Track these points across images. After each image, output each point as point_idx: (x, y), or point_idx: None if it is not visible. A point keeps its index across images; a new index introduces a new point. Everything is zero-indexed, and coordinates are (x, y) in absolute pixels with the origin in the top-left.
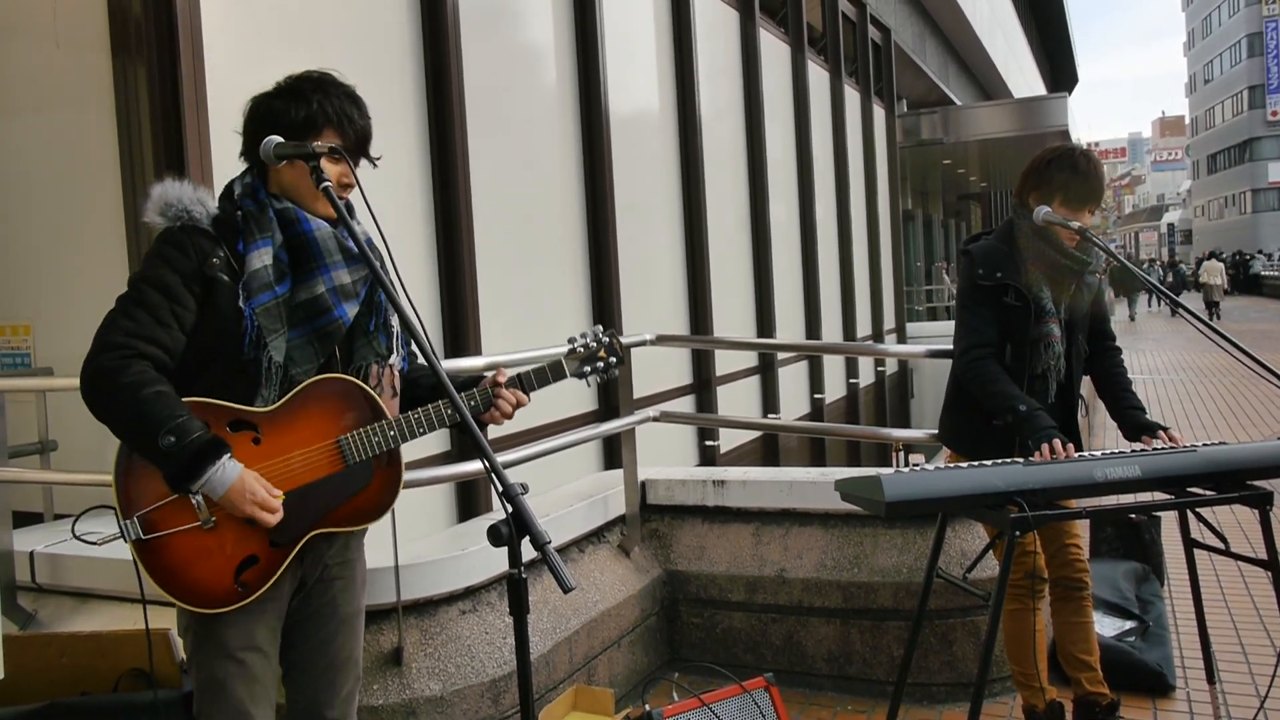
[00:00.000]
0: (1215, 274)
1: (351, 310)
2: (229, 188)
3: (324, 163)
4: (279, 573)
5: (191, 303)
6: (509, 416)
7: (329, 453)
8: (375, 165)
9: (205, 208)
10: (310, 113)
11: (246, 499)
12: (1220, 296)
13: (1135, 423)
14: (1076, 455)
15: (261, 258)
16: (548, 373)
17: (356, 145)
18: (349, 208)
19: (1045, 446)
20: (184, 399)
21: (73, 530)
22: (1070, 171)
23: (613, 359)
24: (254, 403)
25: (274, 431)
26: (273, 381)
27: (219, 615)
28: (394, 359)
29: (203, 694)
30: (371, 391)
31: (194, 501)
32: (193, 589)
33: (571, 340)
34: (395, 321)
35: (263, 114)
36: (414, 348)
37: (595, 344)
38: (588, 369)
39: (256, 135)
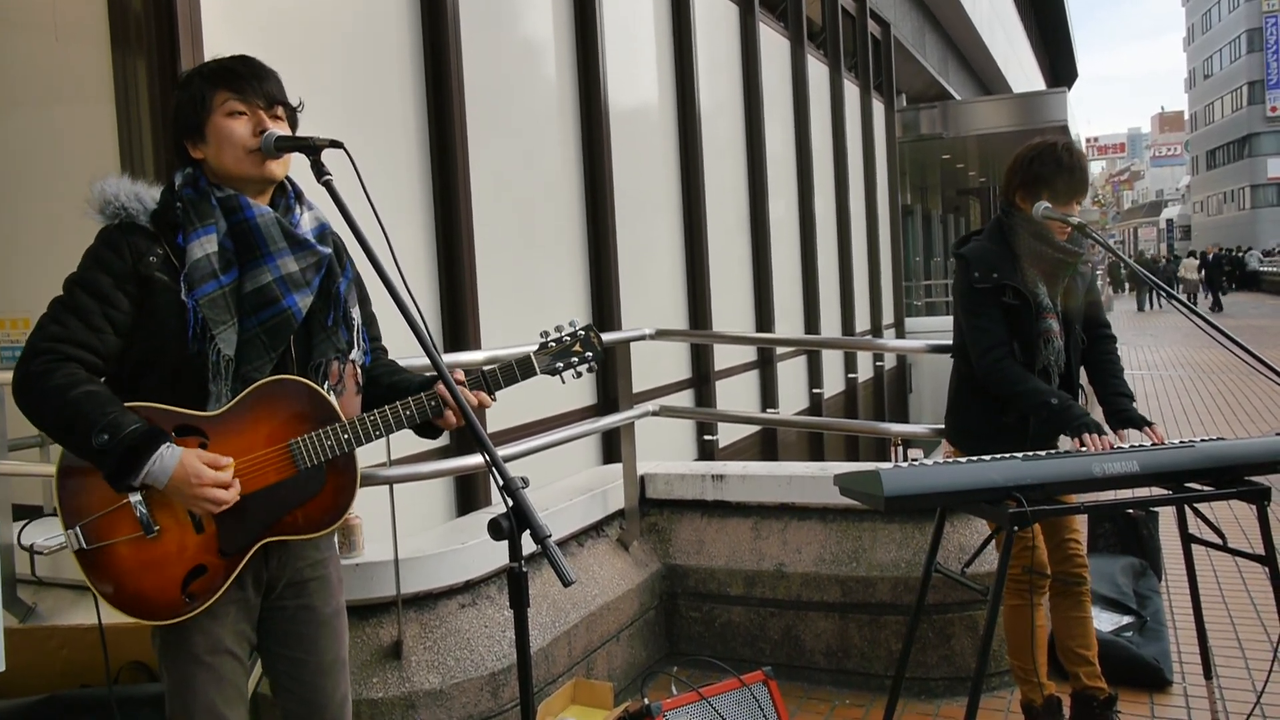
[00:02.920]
0: (1191, 270)
1: (303, 301)
2: (171, 181)
3: (230, 122)
4: (228, 583)
5: (125, 304)
6: (463, 422)
7: (279, 457)
8: (298, 110)
9: (142, 203)
10: (192, 90)
11: (193, 484)
12: (1196, 289)
13: (1120, 411)
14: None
15: (203, 246)
16: (515, 370)
17: (260, 97)
18: (298, 195)
19: (1092, 437)
20: (129, 403)
21: (18, 539)
22: (1055, 166)
23: (588, 353)
24: (203, 403)
25: (222, 436)
26: (223, 377)
27: (184, 622)
28: (355, 354)
29: (173, 697)
30: (324, 392)
31: (136, 510)
32: (138, 601)
33: (544, 334)
34: (356, 315)
35: (172, 124)
36: (373, 343)
37: (569, 338)
38: (560, 364)
39: (177, 136)
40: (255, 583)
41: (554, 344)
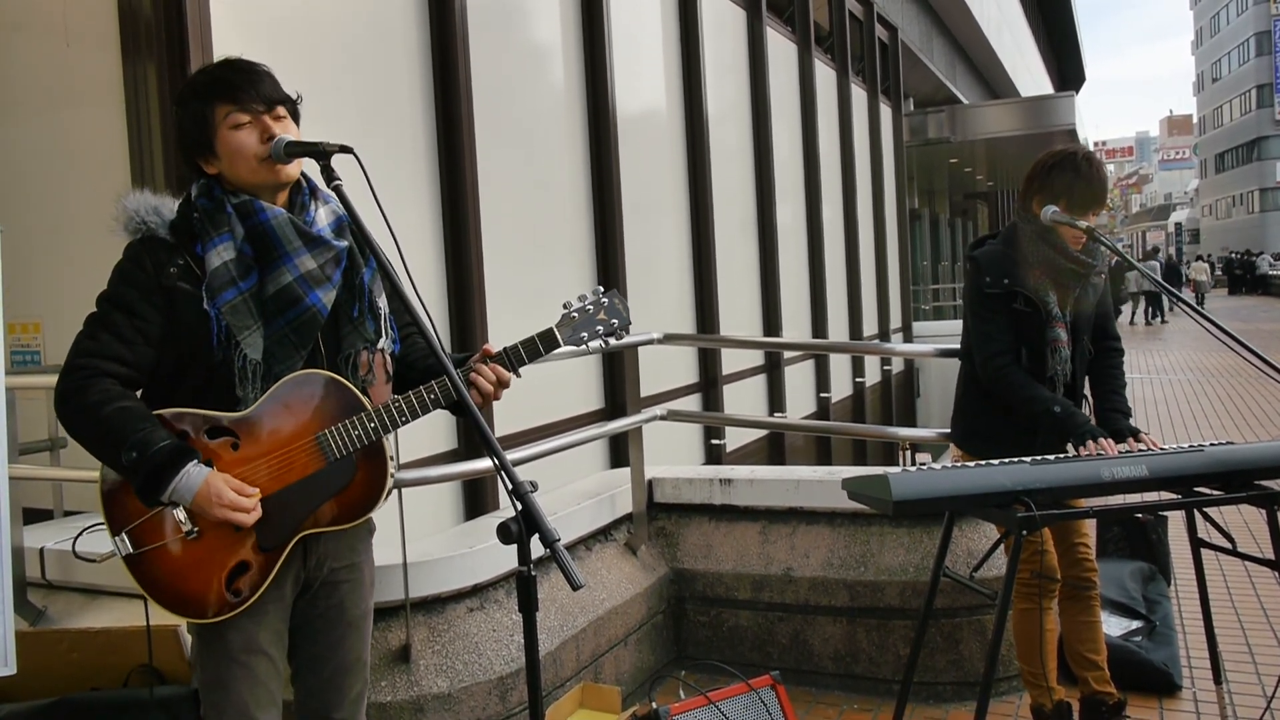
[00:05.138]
0: (1201, 272)
1: (326, 296)
2: (188, 192)
3: (237, 135)
4: (270, 577)
5: (155, 315)
6: (490, 395)
7: (309, 450)
8: (299, 101)
9: (161, 216)
10: (193, 109)
11: (214, 503)
12: (1208, 290)
13: (1112, 425)
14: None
15: (220, 255)
16: (538, 344)
17: (261, 102)
18: (312, 190)
19: (1097, 443)
20: (162, 409)
21: (74, 549)
22: (1073, 175)
23: (614, 320)
24: (234, 407)
25: (252, 434)
26: (250, 381)
27: (219, 620)
28: (383, 343)
29: (207, 696)
30: (348, 383)
31: (174, 513)
32: (186, 600)
33: (566, 305)
34: (382, 304)
35: (178, 132)
36: (408, 329)
37: (592, 306)
38: (585, 334)
39: (184, 151)
40: (294, 582)
41: (576, 314)
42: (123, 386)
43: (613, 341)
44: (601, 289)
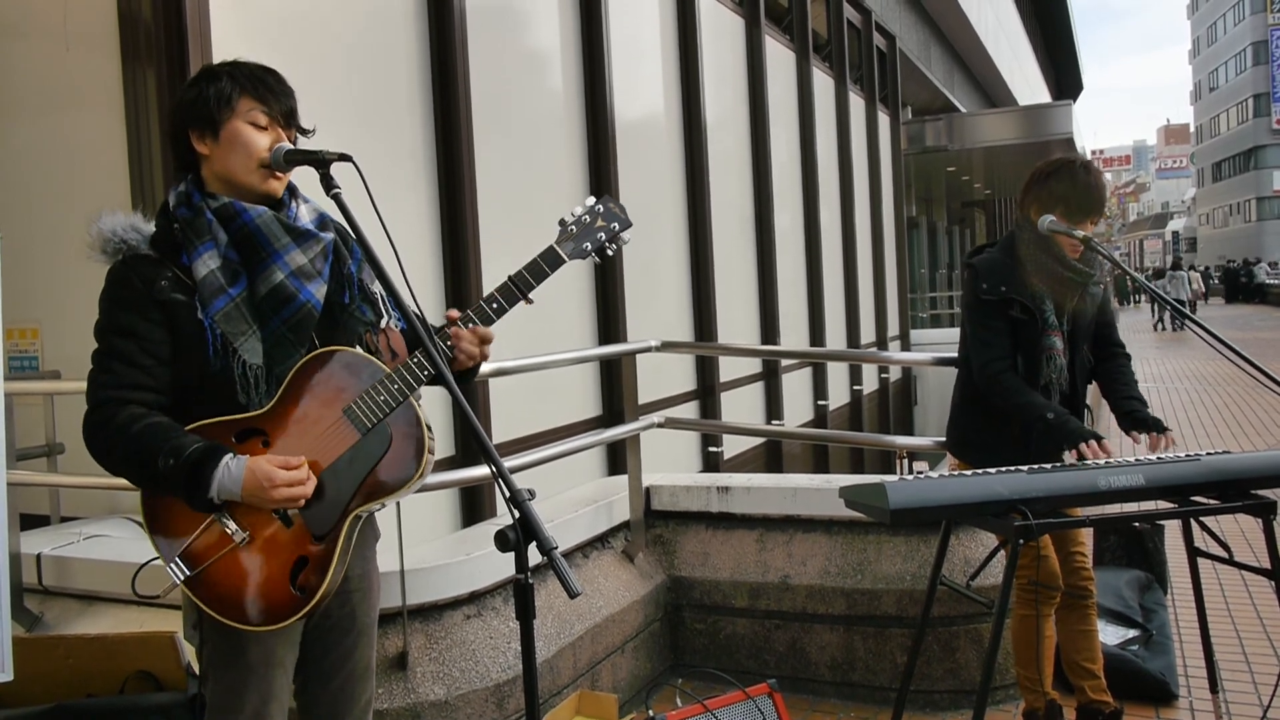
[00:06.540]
0: (1193, 281)
1: (319, 291)
2: (164, 201)
3: (252, 131)
4: (332, 568)
5: (159, 332)
6: (475, 356)
7: (340, 427)
8: (309, 135)
9: (140, 232)
10: (220, 86)
11: (266, 487)
12: (1199, 299)
13: (1131, 412)
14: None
15: (206, 263)
16: (541, 265)
17: (282, 114)
18: (291, 190)
19: (1101, 444)
20: (188, 426)
21: (133, 587)
22: (1070, 183)
23: (614, 224)
24: (250, 410)
25: (280, 427)
26: (253, 386)
27: (239, 630)
28: (386, 322)
29: (218, 702)
30: (363, 353)
31: (222, 524)
32: (255, 609)
33: (563, 222)
34: (377, 287)
35: (181, 109)
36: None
37: (588, 216)
38: (588, 244)
39: (180, 132)
40: None
41: (575, 227)
42: (148, 410)
43: (616, 248)
44: (593, 198)
